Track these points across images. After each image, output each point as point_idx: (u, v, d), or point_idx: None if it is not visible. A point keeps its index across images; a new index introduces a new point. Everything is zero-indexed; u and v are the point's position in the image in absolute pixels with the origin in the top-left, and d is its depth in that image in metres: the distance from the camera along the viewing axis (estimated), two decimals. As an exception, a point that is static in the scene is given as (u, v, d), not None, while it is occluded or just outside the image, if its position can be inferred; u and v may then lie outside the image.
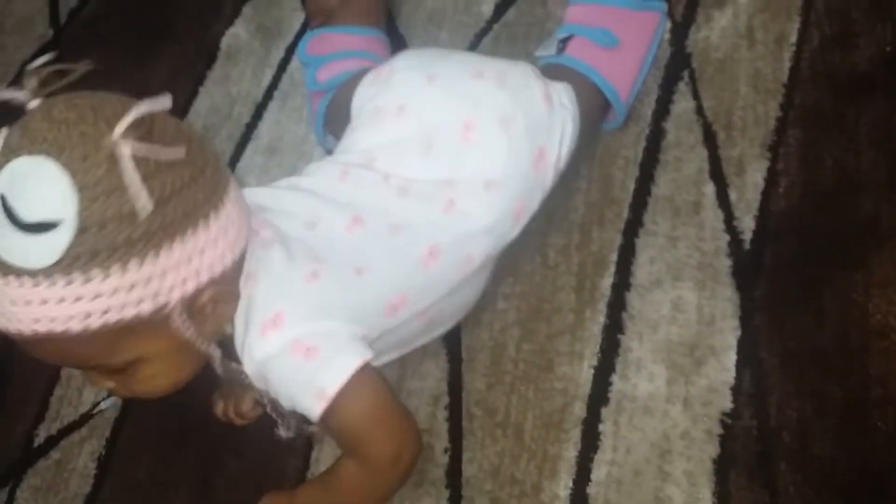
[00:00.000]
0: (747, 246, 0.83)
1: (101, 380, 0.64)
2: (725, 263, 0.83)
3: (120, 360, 0.61)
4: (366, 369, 0.65)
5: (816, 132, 0.88)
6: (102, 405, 0.85)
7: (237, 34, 1.06)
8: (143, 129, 0.56)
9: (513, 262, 0.82)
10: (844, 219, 0.83)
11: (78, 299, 0.55)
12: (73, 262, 0.55)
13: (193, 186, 0.58)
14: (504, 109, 0.78)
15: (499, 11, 1.03)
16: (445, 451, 0.78)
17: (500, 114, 0.77)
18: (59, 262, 0.55)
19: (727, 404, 0.76)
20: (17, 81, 1.08)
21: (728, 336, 0.79)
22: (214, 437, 0.81)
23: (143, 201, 0.55)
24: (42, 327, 0.56)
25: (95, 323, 0.56)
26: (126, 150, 0.54)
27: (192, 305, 0.60)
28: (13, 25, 1.13)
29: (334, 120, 0.87)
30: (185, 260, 0.58)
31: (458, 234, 0.74)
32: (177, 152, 0.56)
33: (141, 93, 0.57)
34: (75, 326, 0.56)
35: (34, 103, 0.59)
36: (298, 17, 1.07)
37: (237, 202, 0.63)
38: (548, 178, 0.79)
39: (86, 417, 0.85)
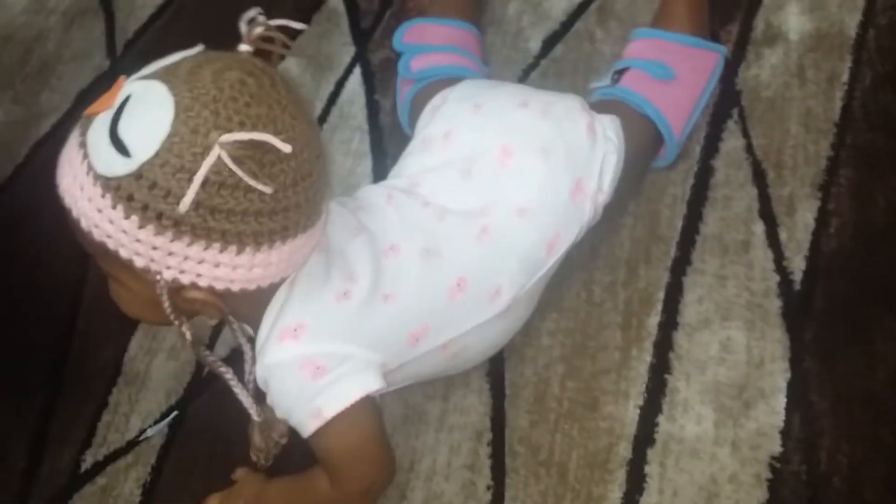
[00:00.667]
0: (797, 286, 0.82)
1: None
2: (775, 304, 0.82)
3: (105, 266, 0.64)
4: (365, 400, 0.67)
5: (869, 172, 0.87)
6: (149, 432, 0.86)
7: (288, 68, 1.08)
8: (251, 150, 0.57)
9: (558, 298, 0.82)
10: (897, 260, 0.82)
11: (111, 221, 0.59)
12: (121, 192, 0.58)
13: (254, 217, 0.59)
14: (545, 138, 0.78)
15: (546, 47, 1.03)
16: (488, 488, 0.78)
17: (541, 142, 0.78)
18: (115, 184, 0.58)
19: (776, 448, 0.75)
20: (74, 111, 1.12)
21: (777, 378, 0.78)
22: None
23: (189, 198, 0.57)
24: (84, 223, 0.61)
25: (108, 243, 0.60)
26: (220, 153, 0.56)
27: (178, 290, 0.62)
28: (71, 55, 1.16)
29: (416, 112, 0.89)
30: (195, 258, 0.60)
31: (489, 263, 0.74)
32: (264, 187, 0.58)
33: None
34: (95, 235, 0.61)
35: (243, 47, 0.62)
36: (348, 52, 1.08)
37: (295, 252, 0.63)
38: (585, 209, 0.79)
39: (132, 444, 0.86)
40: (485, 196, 0.76)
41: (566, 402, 0.80)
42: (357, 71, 1.06)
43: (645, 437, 0.77)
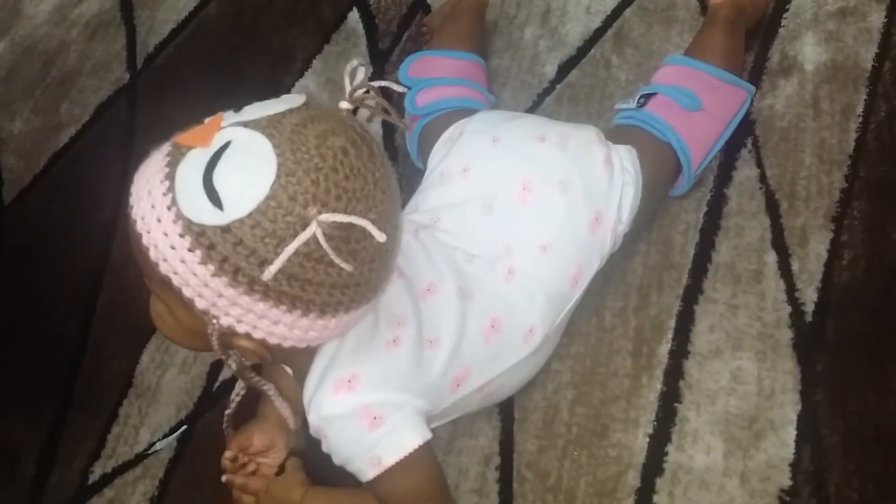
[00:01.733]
0: (809, 318, 0.82)
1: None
2: (787, 335, 0.82)
3: (158, 292, 0.63)
4: (424, 448, 0.68)
5: (882, 205, 0.87)
6: (158, 445, 0.86)
7: (306, 86, 1.09)
8: (343, 230, 0.57)
9: (568, 322, 0.82)
10: (910, 295, 0.82)
11: (183, 261, 0.58)
12: (203, 240, 0.57)
13: (328, 290, 0.59)
14: (563, 173, 0.79)
15: (562, 72, 1.04)
16: (495, 512, 0.78)
17: (559, 177, 0.78)
18: (198, 230, 0.57)
19: (786, 481, 0.75)
20: (93, 123, 1.13)
21: (788, 410, 0.78)
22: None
23: (276, 267, 0.56)
24: (153, 253, 0.59)
25: (173, 279, 0.59)
26: (315, 230, 0.56)
27: (228, 334, 0.62)
28: (91, 67, 1.17)
29: (424, 145, 0.89)
30: (258, 313, 0.59)
31: (519, 302, 0.75)
32: (346, 265, 0.58)
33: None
34: (162, 268, 0.59)
35: (343, 103, 0.62)
36: (366, 72, 1.09)
37: (354, 320, 0.63)
38: (606, 241, 0.80)
39: (141, 457, 0.86)
40: (506, 233, 0.76)
41: (575, 428, 0.80)
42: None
43: (654, 466, 0.77)
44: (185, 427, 0.87)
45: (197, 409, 0.88)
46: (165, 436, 0.86)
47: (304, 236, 0.56)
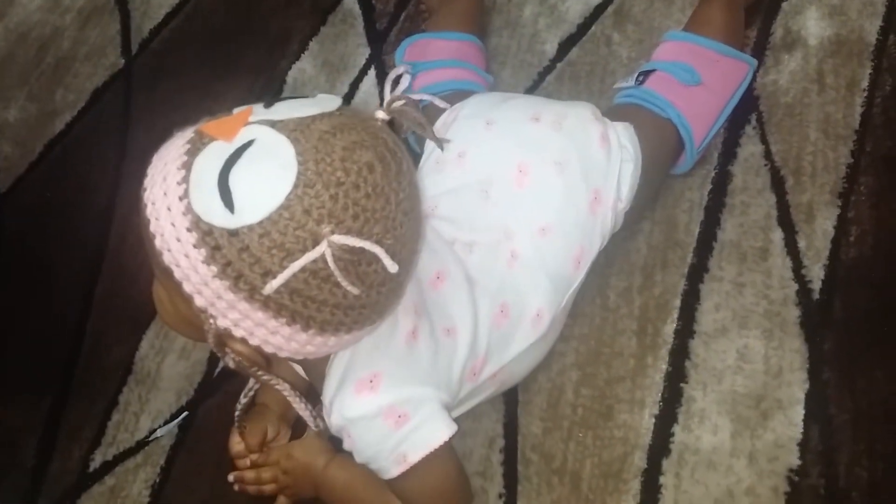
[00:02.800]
0: (816, 296, 0.81)
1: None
2: (794, 313, 0.81)
3: (161, 278, 0.61)
4: (447, 442, 0.67)
5: (889, 180, 0.86)
6: (159, 432, 0.85)
7: (303, 69, 1.08)
8: (351, 254, 0.55)
9: (573, 303, 0.81)
10: (919, 271, 0.81)
11: (187, 256, 0.56)
12: (209, 239, 0.55)
13: (331, 308, 0.57)
14: (559, 152, 0.77)
15: (562, 50, 1.02)
16: (500, 496, 0.77)
17: (555, 157, 0.77)
18: (206, 228, 0.55)
19: (794, 461, 0.74)
20: (88, 109, 1.12)
21: (796, 389, 0.77)
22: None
23: (279, 281, 0.54)
24: (158, 241, 0.57)
25: (175, 271, 0.57)
26: (325, 250, 0.54)
27: (223, 335, 0.60)
28: (86, 53, 1.16)
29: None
30: (256, 322, 0.58)
31: (524, 286, 0.74)
32: (352, 288, 0.55)
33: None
34: (165, 258, 0.57)
35: (379, 112, 0.59)
36: (363, 54, 1.08)
37: (355, 339, 0.62)
38: (607, 220, 0.79)
39: (141, 444, 0.85)
40: (505, 218, 0.75)
41: (580, 409, 0.79)
42: (372, 72, 1.06)
43: (660, 447, 0.76)
44: (186, 413, 0.86)
45: (198, 395, 0.87)
46: (166, 422, 0.86)
47: (312, 255, 0.54)
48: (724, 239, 0.86)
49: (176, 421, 0.86)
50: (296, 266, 0.54)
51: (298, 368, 0.73)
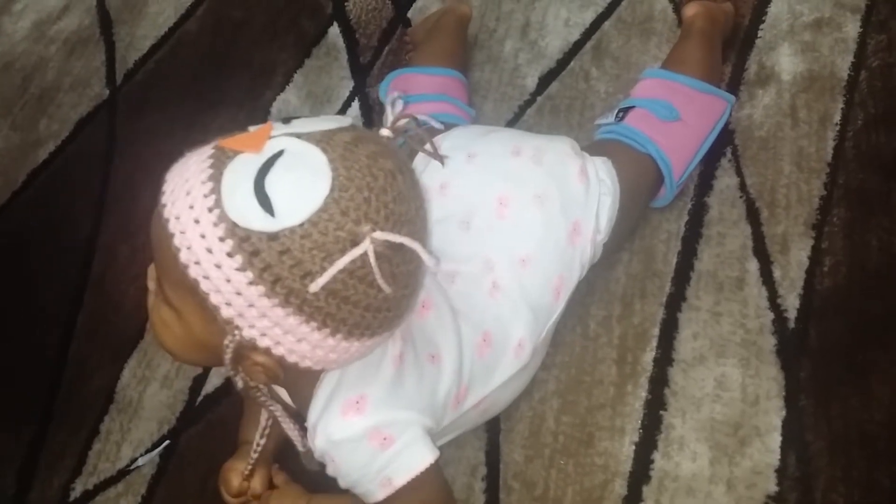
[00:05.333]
0: (792, 324, 0.83)
1: (152, 281, 0.64)
2: (770, 342, 0.82)
3: (173, 297, 0.61)
4: (433, 465, 0.68)
5: (862, 212, 0.88)
6: (140, 461, 0.85)
7: (288, 100, 1.09)
8: (392, 251, 0.57)
9: (553, 332, 0.82)
10: (890, 300, 0.83)
11: (218, 266, 0.56)
12: (247, 246, 0.55)
13: (362, 311, 0.58)
14: (539, 186, 0.79)
15: (542, 84, 1.04)
16: (482, 523, 0.77)
17: (535, 190, 0.79)
18: (243, 234, 0.55)
19: (772, 487, 0.75)
20: (72, 139, 1.13)
21: (773, 417, 0.78)
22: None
23: (324, 280, 0.55)
24: (184, 255, 0.57)
25: (202, 283, 0.57)
26: (367, 248, 0.55)
27: (244, 347, 0.60)
28: (70, 84, 1.17)
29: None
30: (286, 329, 0.58)
31: (505, 316, 0.75)
32: (387, 287, 0.57)
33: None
34: (192, 271, 0.57)
35: (385, 130, 0.61)
36: (347, 86, 1.09)
37: (373, 346, 0.63)
38: (586, 251, 0.80)
39: (123, 473, 0.85)
40: (486, 249, 0.76)
41: (562, 437, 0.80)
42: (356, 104, 1.07)
43: (640, 474, 0.77)
44: (167, 442, 0.86)
45: (179, 424, 0.87)
46: (148, 451, 0.85)
47: (355, 252, 0.55)
48: (702, 269, 0.87)
49: (157, 450, 0.85)
50: (339, 264, 0.55)
51: (285, 395, 0.73)
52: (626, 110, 0.90)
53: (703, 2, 0.98)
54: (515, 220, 0.78)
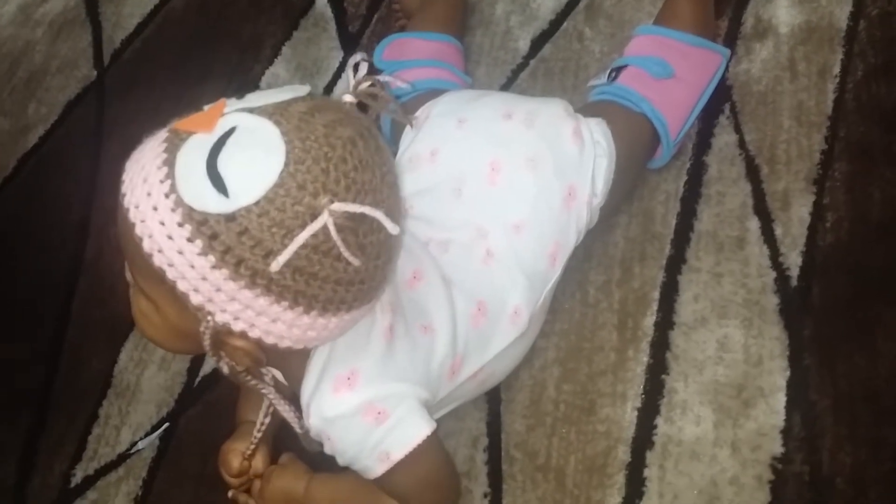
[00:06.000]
0: (794, 283, 0.81)
1: (128, 273, 0.63)
2: (772, 301, 0.80)
3: (145, 287, 0.60)
4: (431, 437, 0.67)
5: (863, 165, 0.86)
6: (140, 444, 0.84)
7: (277, 73, 1.07)
8: (353, 221, 0.55)
9: (552, 299, 0.81)
10: (894, 254, 0.81)
11: (181, 252, 0.55)
12: (205, 229, 0.54)
13: (333, 285, 0.57)
14: (531, 149, 0.77)
15: (535, 47, 1.02)
16: (485, 495, 0.76)
17: (527, 154, 0.77)
18: (200, 218, 0.54)
19: (777, 449, 0.74)
20: (61, 123, 1.12)
21: (777, 377, 0.77)
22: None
23: (285, 257, 0.54)
24: (147, 244, 0.56)
25: (168, 271, 0.56)
26: (326, 221, 0.54)
27: (221, 332, 0.59)
28: (58, 66, 1.15)
29: (397, 127, 0.87)
30: (256, 309, 0.57)
31: (500, 284, 0.73)
32: (354, 259, 0.56)
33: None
34: (156, 260, 0.56)
35: (347, 96, 0.60)
36: (336, 57, 1.07)
37: (352, 322, 0.62)
38: (582, 216, 0.78)
39: (123, 457, 0.84)
40: (478, 216, 0.75)
41: (563, 405, 0.79)
42: (345, 75, 1.05)
43: (643, 439, 0.76)
44: (167, 425, 0.85)
45: (178, 406, 0.86)
46: (147, 434, 0.85)
47: (315, 226, 0.54)
48: (701, 229, 0.86)
49: (157, 433, 0.85)
50: (299, 240, 0.54)
51: (278, 375, 0.72)
52: (619, 70, 0.88)
53: None
54: (508, 185, 0.76)
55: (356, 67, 0.62)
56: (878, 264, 0.81)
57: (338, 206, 0.54)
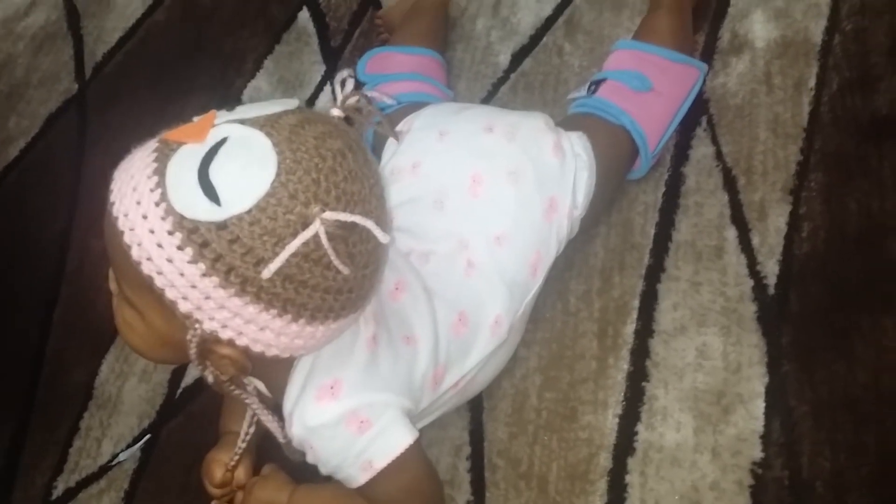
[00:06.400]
0: (772, 291, 0.82)
1: (113, 282, 0.63)
2: (750, 309, 0.82)
3: (132, 296, 0.60)
4: (414, 446, 0.67)
5: (839, 176, 0.88)
6: (121, 456, 0.84)
7: (259, 87, 1.08)
8: (344, 230, 0.56)
9: (533, 308, 0.81)
10: (870, 263, 0.82)
11: (170, 260, 0.56)
12: (195, 237, 0.55)
13: (322, 293, 0.58)
14: (513, 162, 0.78)
15: (515, 61, 1.03)
16: (468, 503, 0.77)
17: (509, 167, 0.78)
18: (191, 226, 0.55)
19: (757, 454, 0.74)
20: (42, 136, 1.11)
21: (756, 383, 0.78)
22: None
23: (276, 265, 0.55)
24: (136, 252, 0.56)
25: (156, 279, 0.56)
26: (317, 229, 0.54)
27: (208, 341, 0.59)
28: (39, 79, 1.16)
29: (379, 140, 0.87)
30: (245, 317, 0.57)
31: (481, 294, 0.74)
32: (344, 268, 0.56)
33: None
34: (144, 268, 0.56)
35: (335, 110, 0.61)
36: (318, 71, 1.08)
37: (339, 330, 0.62)
38: (563, 227, 0.79)
39: (104, 469, 0.84)
40: (460, 227, 0.76)
41: (545, 413, 0.80)
42: (327, 89, 1.06)
43: (624, 446, 0.77)
44: (148, 436, 0.85)
45: (159, 418, 0.86)
46: (129, 446, 0.85)
47: (306, 234, 0.54)
48: (680, 239, 0.87)
49: (138, 444, 0.85)
50: (290, 248, 0.54)
51: (261, 386, 0.72)
52: (598, 83, 0.89)
53: None
54: (489, 197, 0.77)
55: (343, 83, 0.63)
56: (853, 273, 0.82)
57: (329, 215, 0.55)
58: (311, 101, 1.06)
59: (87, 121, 1.10)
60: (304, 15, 1.13)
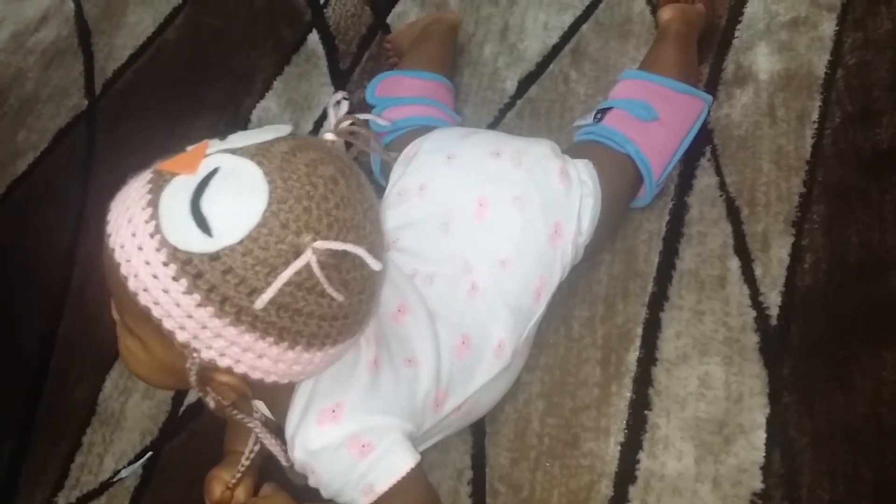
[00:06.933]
0: (774, 322, 0.83)
1: (115, 311, 0.63)
2: (752, 339, 0.82)
3: (132, 325, 0.61)
4: (416, 469, 0.67)
5: (841, 208, 0.89)
6: (123, 473, 0.84)
7: (268, 107, 1.09)
8: (336, 258, 0.56)
9: (536, 334, 0.82)
10: (872, 296, 0.83)
11: (166, 291, 0.56)
12: (189, 268, 0.55)
13: (317, 321, 0.58)
14: (519, 187, 0.79)
15: (522, 88, 1.05)
16: (469, 527, 0.77)
17: (515, 192, 0.79)
18: (185, 258, 0.55)
19: (757, 484, 0.75)
20: (51, 151, 1.12)
21: (757, 414, 0.78)
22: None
23: (269, 295, 0.55)
24: (132, 283, 0.57)
25: (153, 310, 0.57)
26: (309, 259, 0.55)
27: (207, 368, 0.60)
28: (49, 94, 1.16)
29: (386, 163, 0.88)
30: (242, 346, 0.58)
31: (484, 318, 0.75)
32: (338, 295, 0.57)
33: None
34: (142, 299, 0.57)
35: (328, 134, 0.61)
36: (327, 93, 1.09)
37: (337, 356, 0.62)
38: (567, 253, 0.80)
39: (105, 486, 0.84)
40: (465, 250, 0.76)
41: (547, 439, 0.80)
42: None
43: (626, 474, 0.77)
44: (150, 453, 0.85)
45: (162, 435, 0.86)
46: (130, 463, 0.85)
47: (298, 264, 0.55)
48: (683, 268, 0.87)
49: (140, 461, 0.84)
50: (283, 278, 0.55)
51: (264, 409, 0.73)
52: (604, 111, 0.90)
53: (677, 5, 0.99)
54: (495, 221, 0.78)
55: (337, 106, 0.63)
56: (855, 305, 0.83)
57: (320, 244, 0.55)
58: (319, 122, 1.07)
59: (96, 137, 1.11)
60: (314, 37, 1.14)
